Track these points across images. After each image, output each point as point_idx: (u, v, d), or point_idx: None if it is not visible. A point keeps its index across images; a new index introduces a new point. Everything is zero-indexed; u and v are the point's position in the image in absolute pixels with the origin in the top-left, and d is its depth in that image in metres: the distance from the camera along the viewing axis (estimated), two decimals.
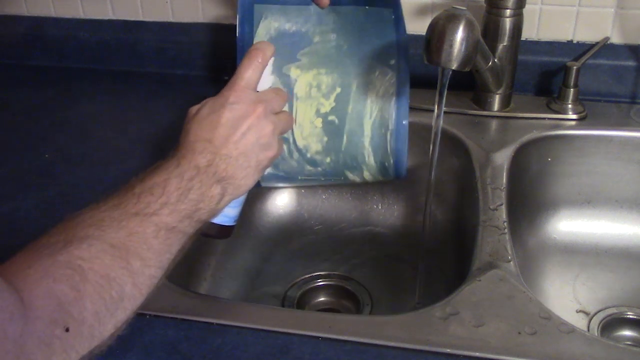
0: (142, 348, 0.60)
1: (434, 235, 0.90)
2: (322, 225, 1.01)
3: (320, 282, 0.92)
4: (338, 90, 0.81)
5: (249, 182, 0.61)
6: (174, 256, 0.55)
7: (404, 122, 0.83)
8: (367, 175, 0.83)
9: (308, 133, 0.81)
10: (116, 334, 0.51)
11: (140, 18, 1.12)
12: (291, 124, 0.70)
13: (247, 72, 0.63)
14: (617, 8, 0.94)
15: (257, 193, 1.00)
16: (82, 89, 1.11)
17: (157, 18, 1.11)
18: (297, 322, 0.63)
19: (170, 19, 1.10)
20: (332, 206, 1.02)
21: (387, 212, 1.01)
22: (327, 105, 0.81)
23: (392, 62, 0.82)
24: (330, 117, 0.82)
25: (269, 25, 0.78)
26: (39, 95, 1.09)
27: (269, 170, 0.79)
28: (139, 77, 1.13)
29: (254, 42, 0.77)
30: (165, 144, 0.92)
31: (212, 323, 0.62)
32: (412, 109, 0.95)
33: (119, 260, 0.50)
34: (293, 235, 0.99)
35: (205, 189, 0.57)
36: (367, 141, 0.82)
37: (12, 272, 0.45)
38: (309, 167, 0.83)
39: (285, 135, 0.79)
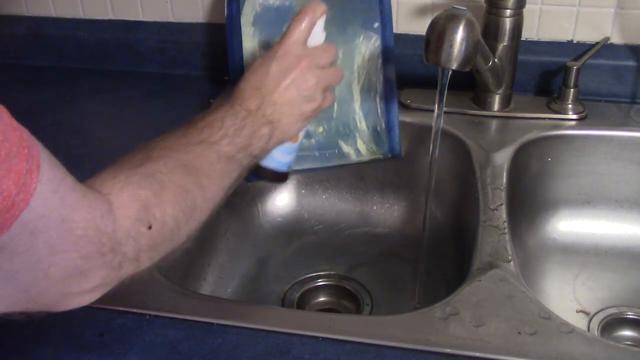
0: (142, 348, 0.60)
1: (434, 235, 0.90)
2: (322, 225, 1.01)
3: (320, 282, 0.92)
4: None
5: (293, 129, 0.67)
6: (232, 182, 0.62)
7: (391, 83, 0.85)
8: (360, 145, 0.84)
9: None
10: (186, 243, 0.57)
11: (140, 18, 1.12)
12: (339, 78, 0.71)
13: (296, 29, 0.67)
14: (617, 8, 0.94)
15: (257, 193, 1.00)
16: (82, 89, 1.11)
17: (157, 18, 1.11)
18: (297, 322, 0.63)
19: (170, 19, 1.10)
20: (332, 206, 1.02)
21: (387, 212, 1.01)
22: None
23: (376, 25, 0.84)
24: None
25: (254, 2, 0.81)
26: (39, 95, 1.09)
27: None
28: (139, 77, 1.13)
29: (241, 20, 0.83)
30: None
31: (212, 323, 0.63)
32: (412, 109, 0.96)
33: (191, 176, 0.56)
34: (293, 235, 0.99)
35: (256, 127, 0.63)
36: (357, 106, 0.85)
37: (99, 182, 0.51)
38: (302, 139, 0.84)
39: None
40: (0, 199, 0.38)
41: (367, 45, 0.84)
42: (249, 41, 0.84)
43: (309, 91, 0.66)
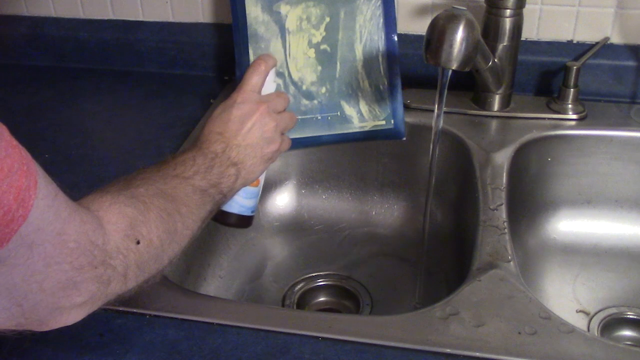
0: (142, 348, 0.60)
1: (434, 235, 0.90)
2: (322, 225, 1.01)
3: (320, 282, 0.92)
4: (327, 19, 0.85)
5: (256, 170, 0.71)
6: (206, 214, 0.64)
7: (393, 38, 0.86)
8: (363, 106, 0.85)
9: (302, 64, 0.85)
10: (167, 268, 0.59)
11: (140, 18, 1.11)
12: (294, 122, 0.77)
13: (252, 78, 0.73)
14: (617, 8, 0.94)
15: None
16: (82, 89, 1.11)
17: (157, 18, 1.11)
18: (297, 322, 0.63)
19: (170, 19, 1.10)
20: (332, 206, 1.02)
21: (387, 212, 1.01)
22: (318, 35, 0.85)
23: None
24: (322, 47, 0.85)
25: None
26: (39, 95, 1.09)
27: None
28: (139, 77, 1.13)
29: None
30: (165, 144, 0.92)
31: (212, 323, 0.63)
32: (412, 109, 0.96)
33: (171, 203, 0.59)
34: (293, 235, 0.99)
35: (223, 168, 0.67)
36: (359, 65, 0.86)
37: (87, 202, 0.52)
38: (305, 101, 0.86)
39: (281, 69, 0.85)
40: (1, 214, 0.39)
41: (368, 5, 0.85)
42: (253, 7, 0.85)
43: (269, 133, 0.71)
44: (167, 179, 0.61)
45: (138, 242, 0.53)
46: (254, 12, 0.86)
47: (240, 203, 0.74)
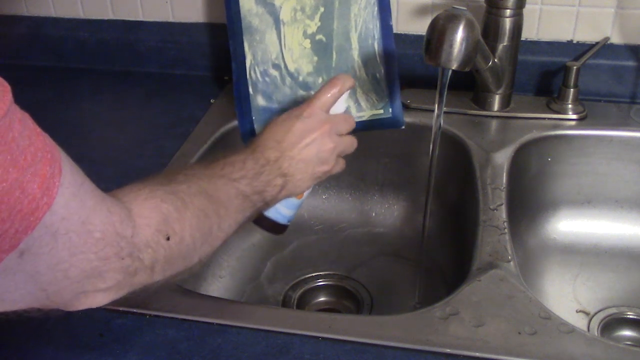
0: (142, 348, 0.60)
1: (434, 235, 0.90)
2: (322, 225, 1.01)
3: (320, 282, 0.92)
4: (321, 9, 0.85)
5: (303, 185, 0.71)
6: (244, 219, 0.64)
7: (388, 26, 0.85)
8: (360, 95, 0.85)
9: (298, 55, 0.85)
10: (197, 267, 0.58)
11: (140, 18, 1.12)
12: (353, 147, 0.76)
13: (324, 96, 0.72)
14: (617, 8, 0.94)
15: None
16: (82, 89, 1.11)
17: (157, 18, 1.11)
18: (297, 322, 0.63)
19: (170, 19, 1.10)
20: (332, 206, 1.02)
21: (387, 212, 1.01)
22: (313, 25, 0.85)
23: None
24: (318, 37, 0.85)
25: None
26: (39, 95, 1.09)
27: (262, 103, 0.85)
28: (139, 77, 1.13)
29: None
30: (165, 144, 0.92)
31: (212, 323, 0.63)
32: (412, 109, 0.96)
33: (211, 204, 0.59)
34: (293, 235, 0.99)
35: (271, 177, 0.66)
36: (355, 54, 0.85)
37: (121, 193, 0.52)
38: (301, 92, 0.85)
39: (277, 61, 0.85)
40: (26, 202, 0.39)
41: None
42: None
43: (326, 154, 0.71)
44: (212, 178, 0.61)
45: (168, 238, 0.52)
46: (247, 4, 0.86)
47: (278, 210, 0.73)
